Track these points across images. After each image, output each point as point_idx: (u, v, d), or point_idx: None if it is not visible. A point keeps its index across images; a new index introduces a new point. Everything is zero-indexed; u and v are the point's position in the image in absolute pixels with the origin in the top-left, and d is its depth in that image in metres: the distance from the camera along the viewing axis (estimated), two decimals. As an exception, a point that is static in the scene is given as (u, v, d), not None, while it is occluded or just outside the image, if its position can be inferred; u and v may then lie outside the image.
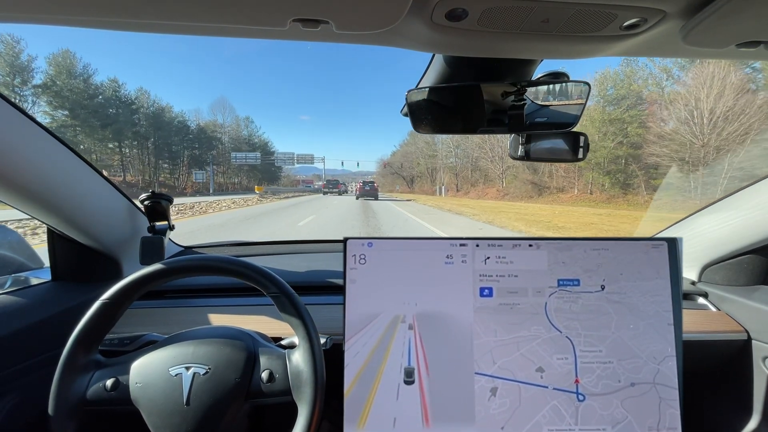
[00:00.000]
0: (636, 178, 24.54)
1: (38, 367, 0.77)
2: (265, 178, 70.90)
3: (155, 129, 46.81)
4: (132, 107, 43.84)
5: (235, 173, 64.29)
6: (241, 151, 57.56)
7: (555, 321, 0.68)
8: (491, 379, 0.66)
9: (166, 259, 0.73)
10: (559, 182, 30.00)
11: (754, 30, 0.44)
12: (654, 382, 0.66)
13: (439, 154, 52.58)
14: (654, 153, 21.87)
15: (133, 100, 44.26)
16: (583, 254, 0.69)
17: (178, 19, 0.44)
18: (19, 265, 1.07)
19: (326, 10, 0.42)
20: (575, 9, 0.43)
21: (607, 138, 26.32)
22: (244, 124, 66.76)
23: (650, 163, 22.87)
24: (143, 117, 45.54)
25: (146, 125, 45.52)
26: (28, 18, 0.45)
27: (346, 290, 0.68)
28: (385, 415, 0.65)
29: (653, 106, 24.52)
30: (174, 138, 50.83)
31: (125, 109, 42.45)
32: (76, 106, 36.53)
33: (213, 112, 64.02)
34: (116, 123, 40.29)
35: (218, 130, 61.00)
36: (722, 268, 1.00)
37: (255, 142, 66.38)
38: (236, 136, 63.58)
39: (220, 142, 60.47)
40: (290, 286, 0.66)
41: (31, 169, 0.71)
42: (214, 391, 0.61)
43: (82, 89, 37.36)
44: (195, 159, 54.18)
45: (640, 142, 24.37)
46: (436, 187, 49.40)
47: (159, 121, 47.63)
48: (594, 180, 27.64)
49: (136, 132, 43.68)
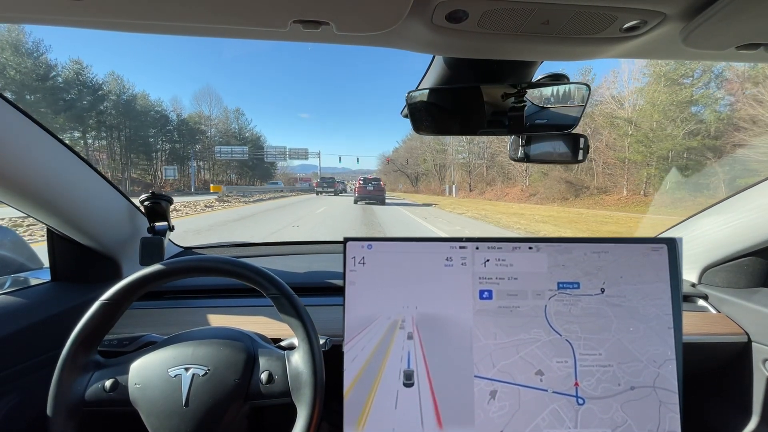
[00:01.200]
0: (713, 177, 17.01)
1: (37, 368, 0.77)
2: (257, 175, 63.24)
3: (127, 118, 40.84)
4: (99, 93, 37.70)
5: (224, 170, 57.28)
6: (231, 145, 50.69)
7: (555, 324, 0.67)
8: (490, 382, 0.66)
9: (166, 259, 0.73)
10: (600, 181, 23.97)
11: (754, 32, 0.44)
12: (654, 385, 0.66)
13: (449, 149, 45.30)
14: (746, 143, 15.35)
15: (101, 85, 38.17)
16: (583, 257, 0.69)
17: (178, 20, 0.44)
18: (19, 266, 1.07)
19: (327, 12, 0.42)
20: (575, 11, 0.43)
21: (676, 125, 19.93)
22: (234, 116, 59.64)
23: (737, 156, 16.16)
24: (114, 105, 39.56)
25: (116, 114, 39.53)
26: (28, 18, 0.45)
27: (345, 292, 0.68)
28: (385, 417, 0.65)
29: (742, 84, 17.47)
30: (150, 130, 45.14)
31: (90, 94, 36.74)
32: (23, 89, 30.63)
33: (197, 102, 58.63)
34: (74, 109, 34.73)
35: (203, 123, 54.18)
36: (722, 270, 1.00)
37: (246, 136, 59.08)
38: (225, 129, 56.77)
39: (205, 135, 53.73)
40: (290, 287, 0.66)
41: (32, 170, 0.71)
42: (214, 392, 0.60)
43: (31, 69, 31.69)
44: (175, 153, 48.33)
45: (722, 130, 18.05)
46: (444, 186, 43.40)
47: (132, 110, 41.71)
48: (652, 178, 21.20)
49: (102, 121, 37.71)
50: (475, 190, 37.64)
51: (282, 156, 52.02)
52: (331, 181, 33.91)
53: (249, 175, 61.08)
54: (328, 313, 0.88)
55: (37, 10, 0.42)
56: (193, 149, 49.84)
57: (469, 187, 39.67)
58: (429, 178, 54.33)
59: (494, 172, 35.14)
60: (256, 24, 0.44)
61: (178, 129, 49.90)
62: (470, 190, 38.66)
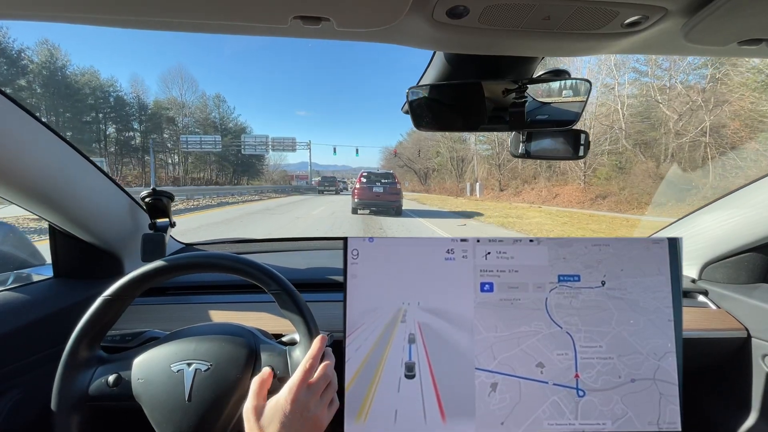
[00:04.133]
0: None
1: (41, 364, 0.77)
2: (241, 171, 51.15)
3: (62, 98, 32.42)
4: (20, 63, 29.80)
5: (201, 166, 46.09)
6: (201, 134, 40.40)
7: (555, 317, 0.68)
8: (491, 374, 0.66)
9: (168, 256, 0.73)
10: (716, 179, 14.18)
11: (756, 28, 0.44)
12: (654, 378, 0.66)
13: (471, 137, 33.88)
14: None
15: (22, 54, 29.88)
16: (583, 250, 0.69)
17: (178, 16, 0.44)
18: (21, 262, 1.07)
19: (327, 8, 0.42)
20: (576, 6, 0.43)
21: None
22: (215, 104, 48.22)
23: None
24: (44, 80, 31.26)
25: (46, 92, 31.37)
26: (27, 15, 0.45)
27: (346, 286, 0.68)
28: (386, 409, 0.65)
29: None
30: (95, 114, 36.21)
31: (8, 64, 29.04)
32: None
33: (166, 85, 44.95)
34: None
35: (174, 109, 43.77)
36: (722, 266, 1.00)
37: (230, 127, 48.63)
38: (203, 118, 46.06)
39: (173, 122, 43.24)
40: (291, 283, 0.66)
41: (33, 166, 0.71)
42: (216, 387, 0.61)
43: None
44: (127, 144, 38.83)
45: None
46: (465, 185, 33.72)
47: (70, 88, 33.37)
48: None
49: (23, 98, 26.93)
50: (508, 189, 28.25)
51: (263, 146, 41.34)
52: (332, 180, 35.80)
53: (230, 172, 49.56)
54: (329, 309, 0.88)
55: (30, 6, 0.42)
56: (153, 139, 40.29)
57: (499, 186, 29.84)
58: (443, 174, 44.57)
59: (537, 165, 24.54)
60: (257, 20, 0.44)
61: (136, 115, 40.57)
62: (501, 190, 29.01)
